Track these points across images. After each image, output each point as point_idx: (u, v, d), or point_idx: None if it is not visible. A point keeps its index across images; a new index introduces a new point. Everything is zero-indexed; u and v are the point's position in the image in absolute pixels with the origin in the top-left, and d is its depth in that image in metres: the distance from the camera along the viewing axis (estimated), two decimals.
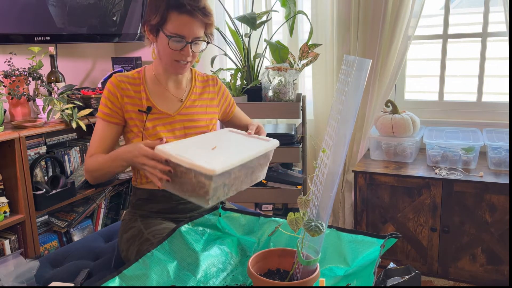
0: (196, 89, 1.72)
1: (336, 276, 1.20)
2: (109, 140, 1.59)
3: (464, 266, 2.37)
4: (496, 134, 2.56)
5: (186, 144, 1.42)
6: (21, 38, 2.47)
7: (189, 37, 1.50)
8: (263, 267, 1.11)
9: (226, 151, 1.37)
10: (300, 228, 1.00)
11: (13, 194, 2.25)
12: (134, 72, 1.65)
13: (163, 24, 1.49)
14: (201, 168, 1.20)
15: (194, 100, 1.70)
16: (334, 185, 0.94)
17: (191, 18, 1.47)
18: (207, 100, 1.74)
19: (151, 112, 1.59)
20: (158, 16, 1.48)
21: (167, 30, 1.49)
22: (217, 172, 1.18)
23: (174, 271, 1.17)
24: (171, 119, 1.63)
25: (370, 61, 0.93)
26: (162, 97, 1.63)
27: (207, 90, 1.75)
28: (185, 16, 1.47)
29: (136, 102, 1.59)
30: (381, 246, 1.18)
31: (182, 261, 1.21)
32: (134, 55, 3.22)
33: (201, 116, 1.69)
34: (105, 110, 1.58)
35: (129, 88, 1.60)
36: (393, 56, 2.65)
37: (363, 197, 2.54)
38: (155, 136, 1.57)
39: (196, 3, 1.47)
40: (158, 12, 1.48)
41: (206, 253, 1.25)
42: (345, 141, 0.92)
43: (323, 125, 3.00)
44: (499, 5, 2.59)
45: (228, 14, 2.83)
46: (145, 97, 1.60)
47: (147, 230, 1.55)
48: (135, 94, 1.60)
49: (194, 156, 1.27)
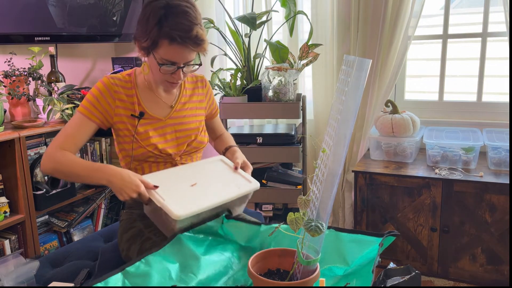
0: (186, 91, 1.72)
1: (336, 276, 1.20)
2: (82, 137, 1.55)
3: (464, 266, 2.37)
4: (496, 134, 2.56)
5: (169, 176, 1.51)
6: (21, 38, 2.47)
7: (181, 63, 1.50)
8: (263, 267, 1.11)
9: (203, 190, 1.47)
10: (299, 228, 1.00)
11: (13, 194, 2.25)
12: (125, 74, 1.64)
13: (154, 49, 1.47)
14: (169, 210, 1.32)
15: (185, 103, 1.70)
16: (334, 185, 0.94)
17: (182, 47, 1.45)
18: (197, 102, 1.75)
19: (143, 117, 1.60)
20: (149, 41, 1.45)
21: (158, 55, 1.47)
22: (181, 217, 1.31)
23: (176, 273, 1.17)
24: (162, 123, 1.63)
25: (370, 61, 0.93)
26: (153, 102, 1.63)
27: (196, 92, 1.76)
28: (176, 45, 1.44)
29: (128, 106, 1.59)
30: (379, 244, 1.18)
31: (184, 264, 1.21)
32: (134, 55, 3.22)
33: (191, 119, 1.70)
34: (89, 107, 1.55)
35: (121, 92, 1.59)
36: (393, 56, 2.65)
37: (363, 197, 2.54)
38: (147, 141, 1.57)
39: (187, 34, 1.42)
40: (149, 36, 1.44)
41: (208, 257, 1.25)
42: (345, 141, 0.92)
43: (323, 125, 3.00)
44: (499, 5, 2.59)
45: (228, 14, 2.83)
46: (137, 101, 1.60)
47: (147, 229, 1.55)
48: (127, 98, 1.59)
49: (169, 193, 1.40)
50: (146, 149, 1.58)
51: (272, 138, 2.70)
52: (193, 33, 1.43)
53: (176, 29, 1.41)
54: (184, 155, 1.68)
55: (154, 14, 1.43)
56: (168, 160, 1.64)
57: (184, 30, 1.42)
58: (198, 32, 1.44)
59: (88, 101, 1.56)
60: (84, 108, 1.56)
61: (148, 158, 1.60)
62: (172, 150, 1.62)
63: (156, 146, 1.58)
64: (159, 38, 1.43)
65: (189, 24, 1.42)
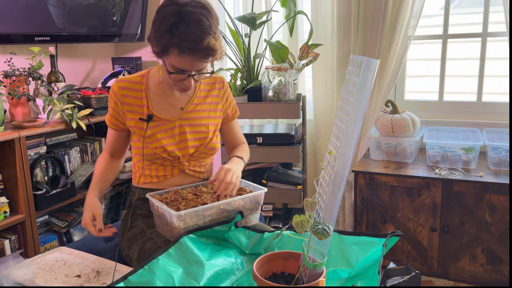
0: (200, 93, 1.67)
1: (340, 278, 1.20)
2: (118, 143, 1.69)
3: (464, 266, 2.38)
4: (496, 134, 2.56)
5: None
6: (21, 38, 2.46)
7: (191, 71, 1.44)
8: (268, 270, 1.11)
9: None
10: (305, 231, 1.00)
11: (13, 194, 2.24)
12: (137, 75, 1.62)
13: (165, 55, 1.42)
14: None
15: (197, 104, 1.65)
16: (341, 187, 0.94)
17: (192, 58, 1.39)
18: (211, 105, 1.69)
19: (152, 120, 1.59)
20: (159, 46, 1.40)
21: (168, 62, 1.42)
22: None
23: (179, 279, 1.17)
24: (172, 124, 1.60)
25: (378, 61, 0.93)
26: (164, 104, 1.61)
27: (212, 94, 1.69)
28: (186, 56, 1.38)
29: (137, 109, 1.58)
30: (383, 245, 1.18)
31: (187, 269, 1.20)
32: (134, 55, 3.21)
33: (203, 121, 1.65)
34: (109, 117, 1.65)
35: (129, 95, 1.58)
36: (393, 56, 2.66)
37: (363, 197, 2.54)
38: (156, 143, 1.57)
39: (198, 45, 1.36)
40: (159, 42, 1.39)
41: (212, 262, 1.25)
42: (352, 143, 0.92)
43: (323, 125, 3.00)
44: (499, 5, 2.59)
45: (228, 14, 2.82)
46: (146, 104, 1.58)
47: (149, 230, 1.55)
48: (135, 101, 1.58)
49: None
50: (154, 151, 1.57)
51: (272, 138, 2.70)
52: (204, 44, 1.36)
53: (186, 39, 1.34)
54: (192, 160, 1.65)
55: (165, 21, 1.36)
56: (176, 165, 1.63)
57: (194, 41, 1.35)
58: (210, 42, 1.37)
59: (109, 112, 1.63)
60: (108, 120, 1.65)
61: (155, 160, 1.60)
62: (181, 153, 1.60)
63: (164, 148, 1.58)
64: (169, 47, 1.37)
65: (200, 34, 1.35)
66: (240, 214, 1.46)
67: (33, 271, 1.37)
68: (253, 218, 1.55)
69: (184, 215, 1.35)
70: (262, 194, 1.54)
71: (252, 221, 1.55)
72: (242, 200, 1.48)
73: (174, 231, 1.38)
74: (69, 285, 1.29)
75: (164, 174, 1.63)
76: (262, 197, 1.54)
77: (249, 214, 1.52)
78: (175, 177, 1.64)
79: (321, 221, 0.97)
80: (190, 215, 1.37)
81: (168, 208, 1.38)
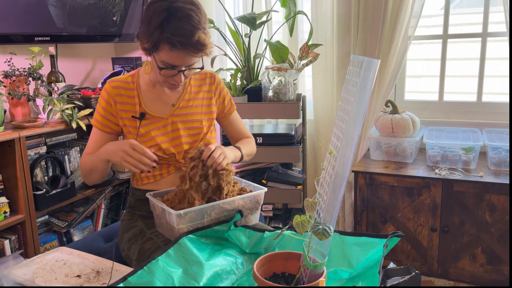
0: (191, 88, 1.68)
1: (341, 278, 1.20)
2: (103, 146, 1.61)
3: (464, 266, 2.38)
4: (496, 134, 2.56)
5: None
6: (21, 38, 2.46)
7: (181, 67, 1.47)
8: (268, 271, 1.11)
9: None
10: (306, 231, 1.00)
11: (13, 194, 2.24)
12: (128, 76, 1.64)
13: (155, 51, 1.44)
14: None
15: (188, 100, 1.66)
16: (341, 187, 0.94)
17: (183, 53, 1.42)
18: (204, 100, 1.70)
19: (145, 117, 1.59)
20: (150, 43, 1.42)
21: (159, 58, 1.45)
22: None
23: (179, 279, 1.17)
24: (165, 121, 1.61)
25: (379, 61, 0.93)
26: (156, 101, 1.62)
27: (203, 89, 1.70)
28: (177, 51, 1.41)
29: (129, 108, 1.59)
30: (384, 245, 1.18)
31: (187, 269, 1.20)
32: (134, 55, 3.21)
33: (196, 117, 1.66)
34: (99, 118, 1.61)
35: (123, 94, 1.59)
36: (393, 56, 2.66)
37: (363, 197, 2.54)
38: (150, 142, 1.57)
39: (189, 40, 1.39)
40: (150, 38, 1.42)
41: (212, 262, 1.24)
42: (353, 143, 0.92)
43: (323, 125, 3.00)
44: (499, 5, 2.59)
45: (228, 14, 2.82)
46: (138, 102, 1.60)
47: (149, 230, 1.55)
48: (128, 100, 1.59)
49: None
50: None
51: (272, 138, 2.70)
52: (195, 38, 1.40)
53: (177, 34, 1.38)
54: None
55: (156, 17, 1.39)
56: (172, 163, 1.63)
57: (185, 35, 1.38)
58: (200, 37, 1.41)
59: (97, 111, 1.61)
60: (95, 120, 1.62)
61: None
62: (176, 149, 1.61)
63: (159, 146, 1.58)
64: (160, 42, 1.40)
65: (191, 29, 1.39)
66: (239, 213, 1.46)
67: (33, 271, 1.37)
68: (253, 218, 1.55)
69: (184, 214, 1.35)
70: (262, 194, 1.54)
71: (252, 221, 1.55)
72: (242, 200, 1.48)
73: (174, 230, 1.38)
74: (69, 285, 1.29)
75: (161, 173, 1.63)
76: (262, 197, 1.55)
77: (249, 214, 1.53)
78: (172, 175, 1.64)
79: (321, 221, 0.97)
80: (190, 214, 1.37)
81: (168, 208, 1.38)
